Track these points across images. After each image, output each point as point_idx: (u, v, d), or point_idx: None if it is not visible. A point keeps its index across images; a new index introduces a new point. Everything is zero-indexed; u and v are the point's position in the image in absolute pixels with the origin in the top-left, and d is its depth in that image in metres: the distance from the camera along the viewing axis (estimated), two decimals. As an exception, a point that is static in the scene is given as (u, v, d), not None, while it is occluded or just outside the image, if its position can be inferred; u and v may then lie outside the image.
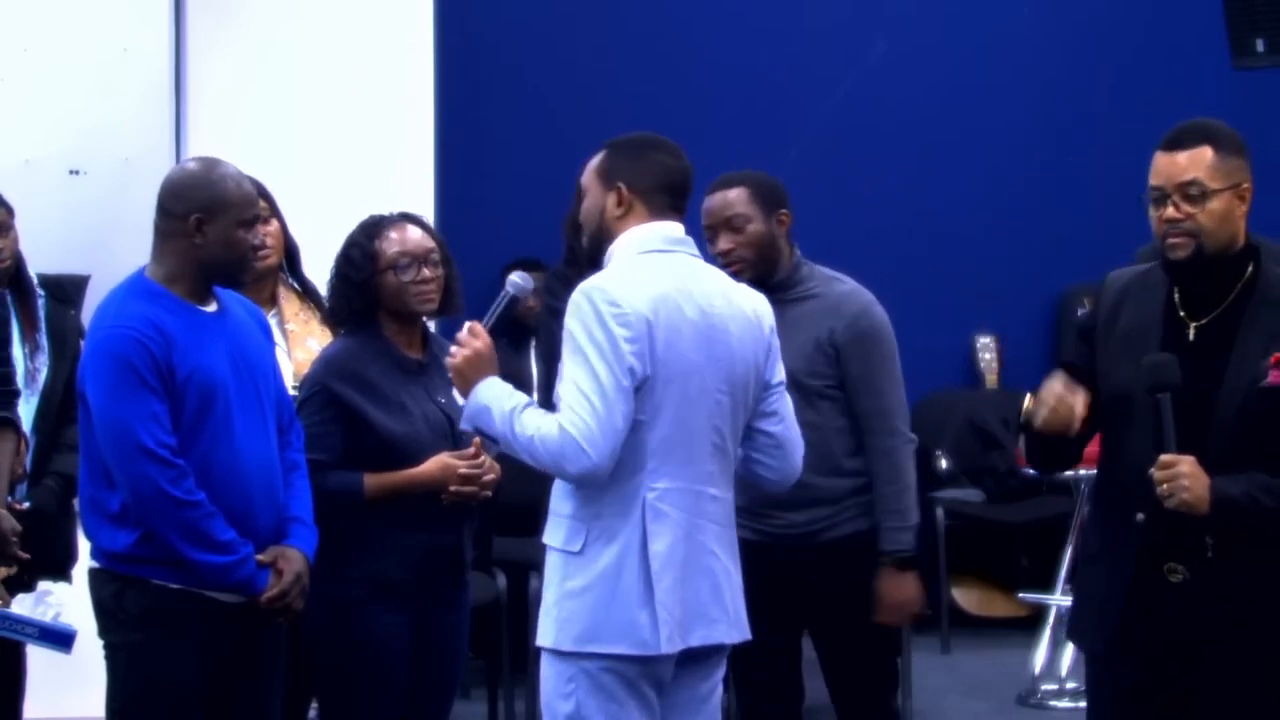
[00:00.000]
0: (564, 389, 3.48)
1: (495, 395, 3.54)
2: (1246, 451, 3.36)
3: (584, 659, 3.46)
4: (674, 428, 3.49)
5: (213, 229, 3.75)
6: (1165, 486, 3.32)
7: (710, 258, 4.07)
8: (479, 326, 3.66)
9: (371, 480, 4.11)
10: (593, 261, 3.74)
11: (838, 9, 7.70)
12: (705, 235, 4.38)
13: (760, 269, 4.31)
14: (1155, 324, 3.50)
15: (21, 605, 3.96)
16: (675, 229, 3.67)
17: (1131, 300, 3.58)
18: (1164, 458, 3.33)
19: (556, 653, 3.50)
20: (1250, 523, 3.36)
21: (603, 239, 3.71)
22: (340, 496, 4.08)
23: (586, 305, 3.47)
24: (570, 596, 3.48)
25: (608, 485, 3.45)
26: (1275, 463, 3.35)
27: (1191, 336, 3.48)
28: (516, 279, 3.92)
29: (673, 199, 3.70)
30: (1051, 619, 6.61)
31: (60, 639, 3.90)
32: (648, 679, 3.49)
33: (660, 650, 3.46)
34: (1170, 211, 3.45)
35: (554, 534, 3.55)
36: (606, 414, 3.39)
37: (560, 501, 3.56)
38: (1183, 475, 3.31)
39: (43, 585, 4.27)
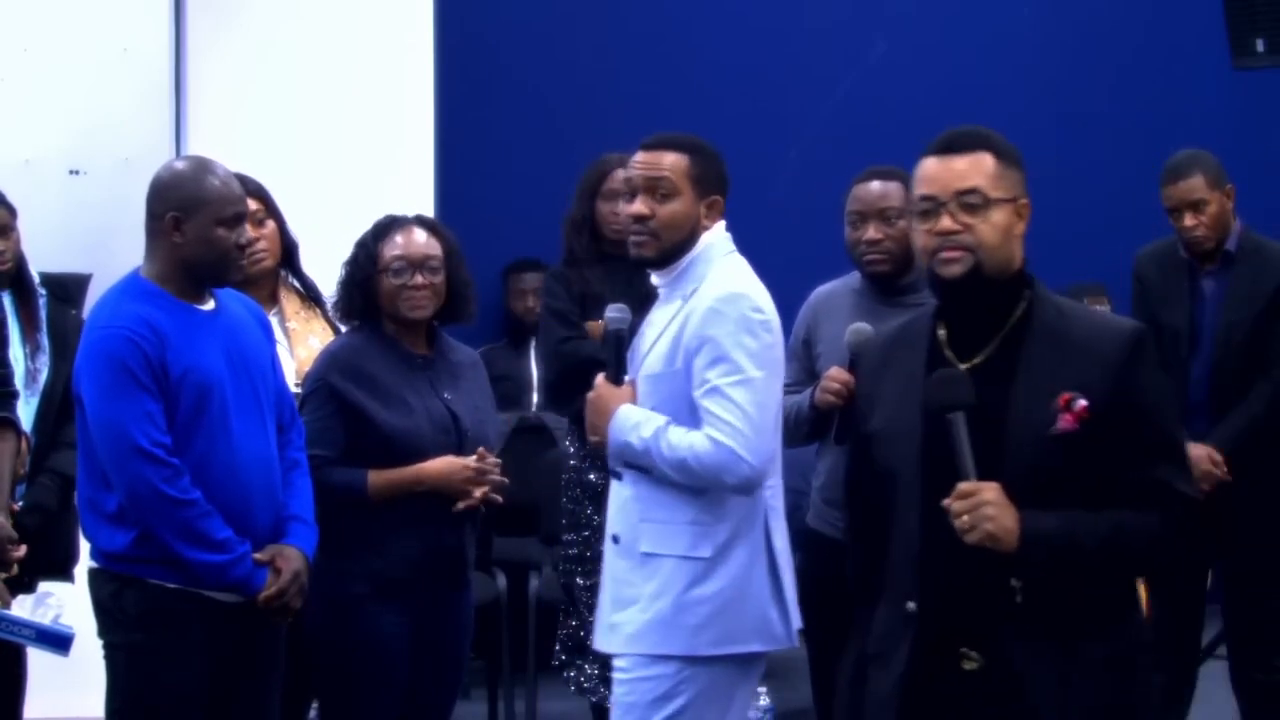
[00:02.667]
0: (711, 400, 3.51)
1: (630, 426, 3.56)
2: (1043, 508, 2.89)
3: (710, 661, 3.50)
4: (777, 423, 3.62)
5: (190, 227, 3.75)
6: (965, 519, 2.86)
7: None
8: (600, 379, 3.67)
9: (376, 477, 4.11)
10: (661, 264, 3.78)
11: (838, 9, 7.70)
12: (850, 221, 4.44)
13: (899, 265, 4.36)
14: (918, 376, 3.03)
15: (22, 607, 3.96)
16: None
17: (895, 360, 3.14)
18: (962, 486, 2.88)
19: (662, 657, 3.53)
20: (1064, 566, 2.89)
21: (686, 244, 3.74)
22: (344, 493, 4.08)
23: (730, 311, 3.53)
24: (701, 602, 3.53)
25: None
26: (1084, 500, 2.90)
27: None
28: (615, 313, 3.86)
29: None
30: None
31: (57, 641, 3.90)
32: (760, 670, 3.62)
33: (791, 642, 3.58)
34: (945, 222, 3.00)
35: (671, 542, 3.57)
36: (761, 420, 3.48)
37: (672, 509, 3.59)
38: (986, 504, 2.86)
39: (44, 587, 4.26)
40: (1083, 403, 2.84)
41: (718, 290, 3.60)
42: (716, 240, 3.75)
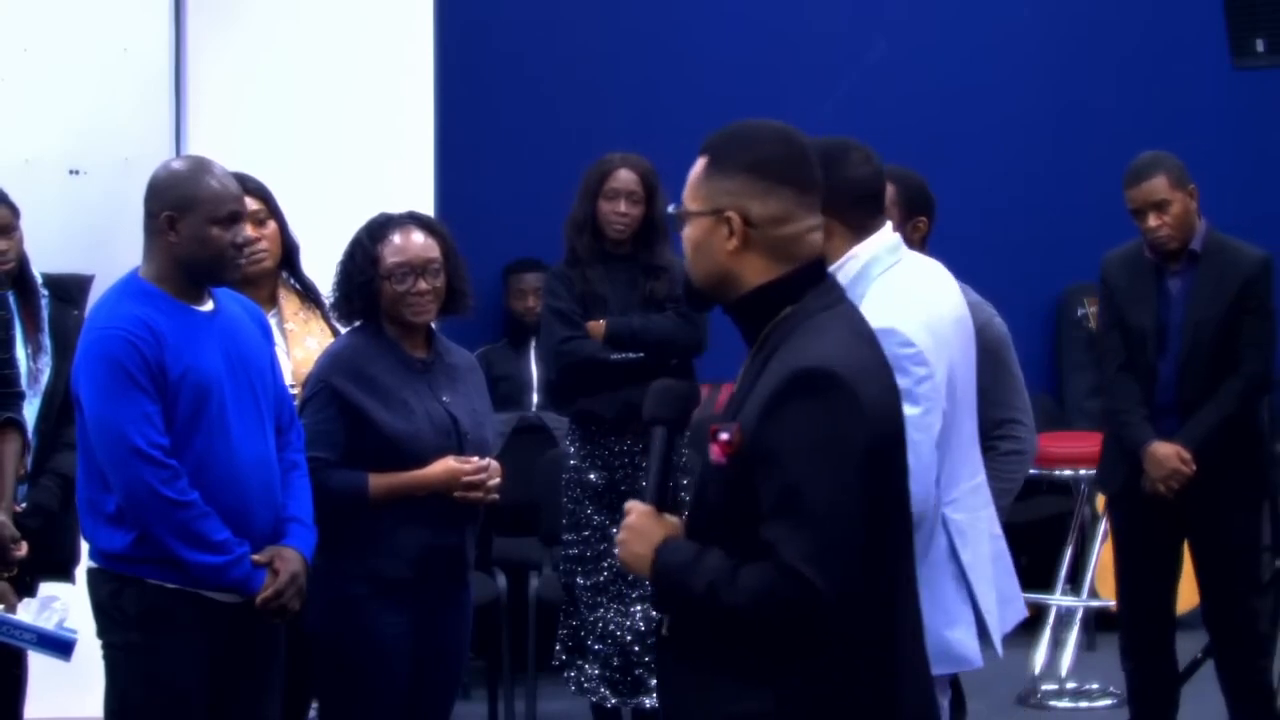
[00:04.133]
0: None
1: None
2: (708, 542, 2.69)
3: None
4: (950, 434, 3.49)
5: (185, 226, 3.74)
6: (619, 538, 2.77)
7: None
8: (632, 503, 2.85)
9: (376, 481, 4.11)
10: None
11: (838, 9, 7.70)
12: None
13: None
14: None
15: (27, 610, 3.96)
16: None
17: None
18: (627, 505, 2.79)
19: None
20: (676, 604, 2.73)
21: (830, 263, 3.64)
22: (344, 496, 4.08)
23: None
24: None
25: None
26: (736, 546, 2.62)
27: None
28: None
29: None
30: (1051, 619, 6.62)
31: (59, 646, 3.89)
32: (944, 691, 3.58)
33: (978, 663, 3.53)
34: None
35: None
36: (918, 453, 3.16)
37: None
38: (626, 527, 2.74)
39: (49, 590, 4.26)
40: (724, 435, 2.64)
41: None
42: (877, 254, 3.47)
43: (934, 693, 2.82)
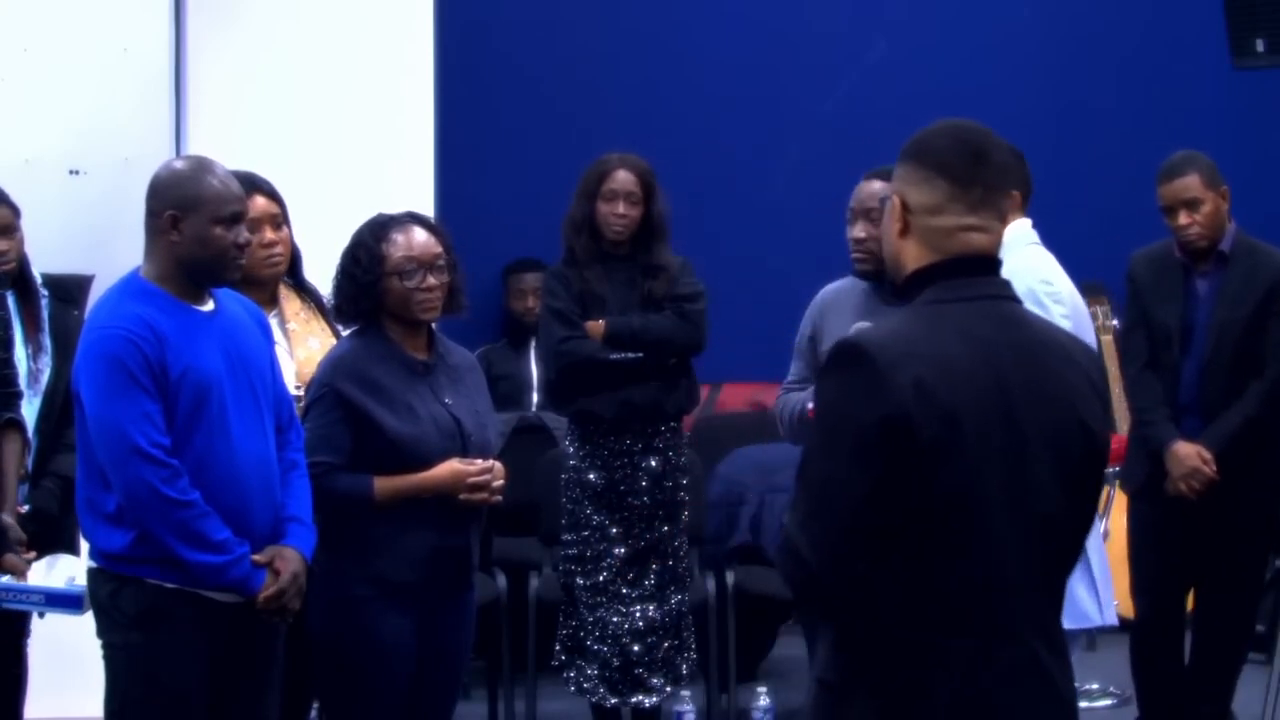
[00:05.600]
0: None
1: None
2: None
3: None
4: None
5: (188, 226, 3.74)
6: None
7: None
8: None
9: (381, 484, 4.10)
10: None
11: (838, 9, 7.70)
12: (847, 218, 4.41)
13: (881, 264, 4.35)
14: None
15: (35, 573, 3.97)
16: None
17: None
18: None
19: None
20: None
21: None
22: (349, 499, 4.08)
23: (1018, 286, 3.08)
24: None
25: None
26: None
27: None
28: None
29: None
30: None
31: (68, 602, 3.89)
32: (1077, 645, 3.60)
33: (1099, 621, 3.53)
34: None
35: None
36: None
37: None
38: None
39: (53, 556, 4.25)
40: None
41: (1009, 269, 3.47)
42: (1018, 234, 3.67)
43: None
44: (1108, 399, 2.77)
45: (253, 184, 4.20)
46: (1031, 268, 3.48)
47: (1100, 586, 3.60)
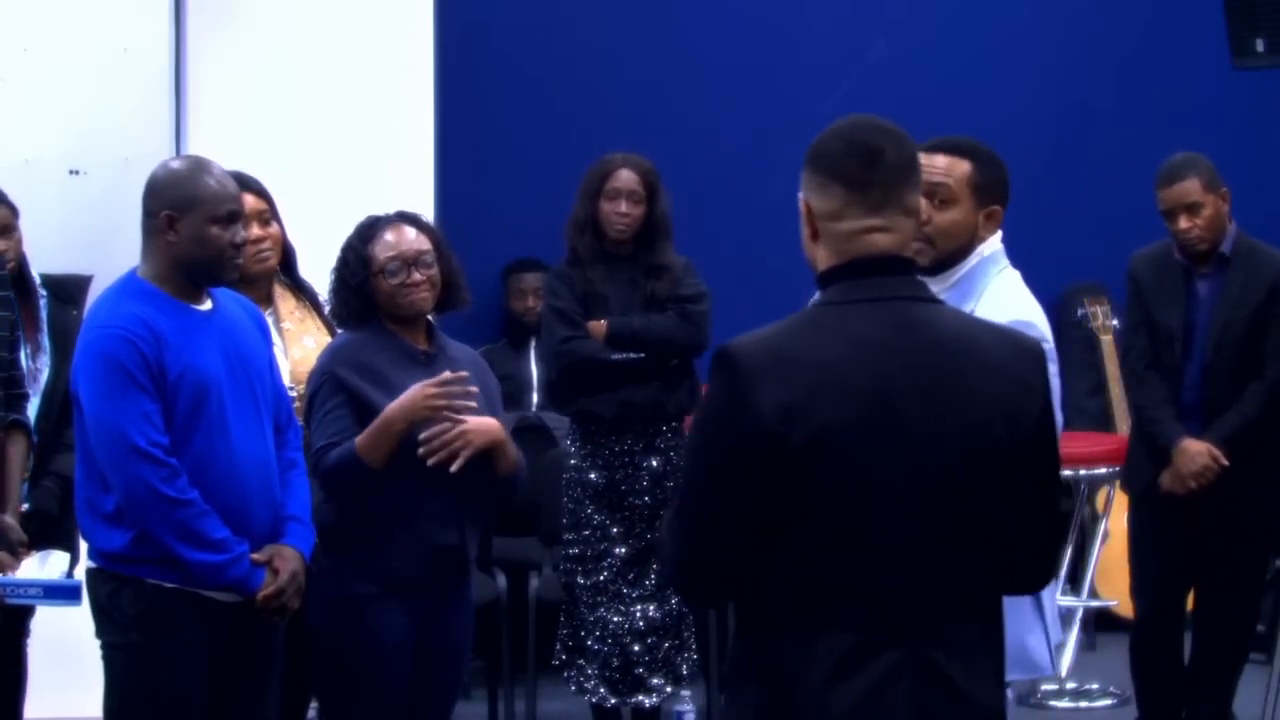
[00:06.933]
0: None
1: None
2: None
3: None
4: None
5: (184, 226, 3.74)
6: None
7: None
8: None
9: (360, 440, 4.06)
10: (932, 272, 3.51)
11: (838, 9, 7.70)
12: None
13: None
14: None
15: (27, 568, 3.97)
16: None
17: None
18: None
19: None
20: None
21: (960, 254, 3.60)
22: (341, 469, 4.05)
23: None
24: None
25: None
26: None
27: None
28: None
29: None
30: (1051, 619, 6.61)
31: (66, 593, 3.89)
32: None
33: (1050, 671, 3.49)
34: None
35: None
36: None
37: None
38: None
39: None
40: None
41: (1005, 317, 3.31)
42: (994, 253, 3.62)
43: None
44: (1042, 394, 2.68)
45: (240, 181, 4.21)
46: (1030, 321, 3.32)
47: (1051, 634, 3.50)
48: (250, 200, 4.29)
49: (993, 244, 3.62)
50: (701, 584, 2.72)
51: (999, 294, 3.53)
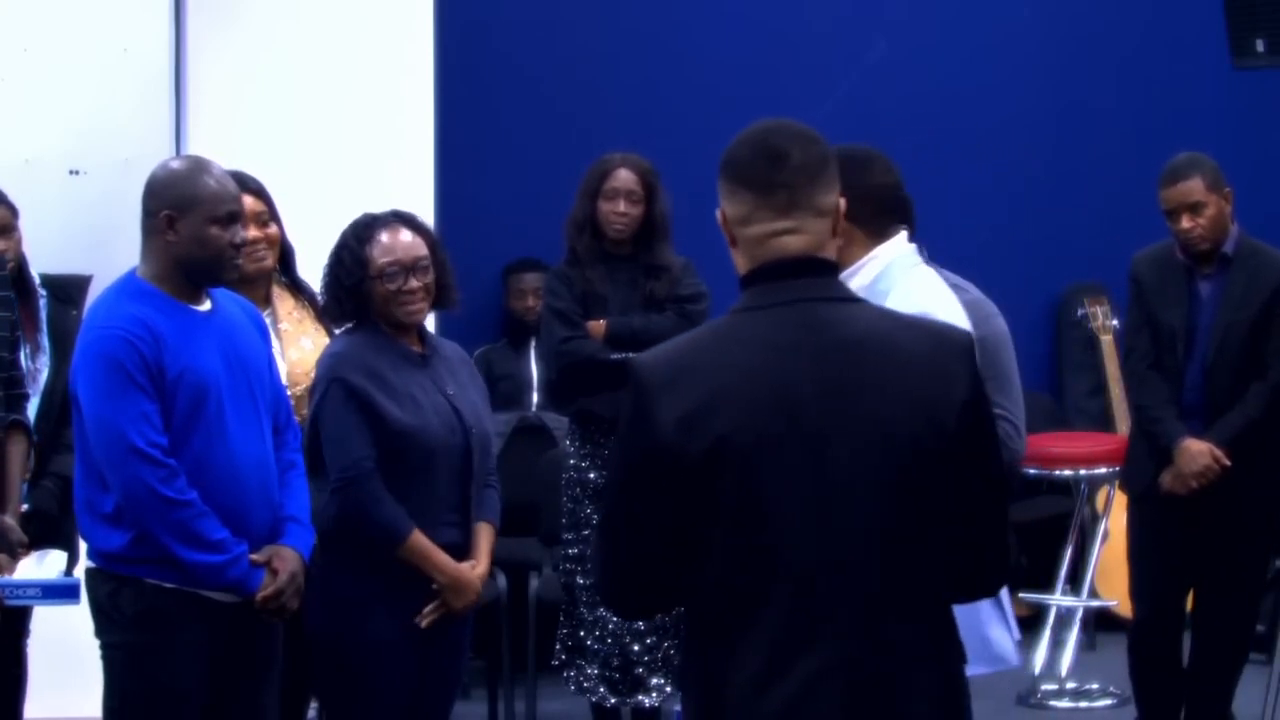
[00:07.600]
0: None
1: None
2: None
3: None
4: None
5: (184, 226, 3.74)
6: None
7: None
8: None
9: (412, 542, 4.08)
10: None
11: (838, 9, 7.70)
12: None
13: None
14: None
15: (24, 568, 3.97)
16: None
17: None
18: None
19: None
20: None
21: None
22: (382, 530, 4.07)
23: None
24: None
25: None
26: None
27: None
28: None
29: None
30: (1051, 619, 6.62)
31: (65, 592, 3.89)
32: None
33: (1015, 663, 3.51)
34: None
35: None
36: None
37: None
38: None
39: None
40: None
41: (895, 301, 3.34)
42: (900, 256, 3.60)
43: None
44: (967, 385, 2.63)
45: (239, 181, 4.21)
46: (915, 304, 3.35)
47: (1011, 627, 3.50)
48: (248, 201, 4.28)
49: (891, 251, 3.58)
50: (628, 595, 2.74)
51: (908, 290, 3.49)
